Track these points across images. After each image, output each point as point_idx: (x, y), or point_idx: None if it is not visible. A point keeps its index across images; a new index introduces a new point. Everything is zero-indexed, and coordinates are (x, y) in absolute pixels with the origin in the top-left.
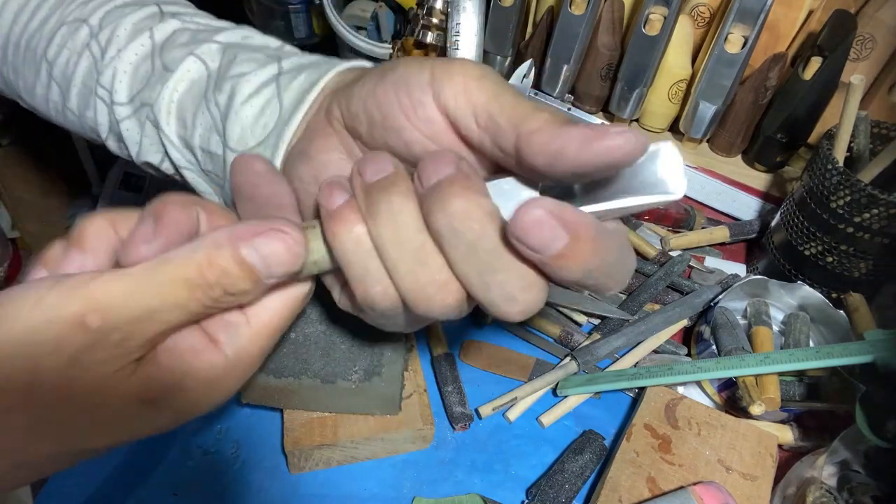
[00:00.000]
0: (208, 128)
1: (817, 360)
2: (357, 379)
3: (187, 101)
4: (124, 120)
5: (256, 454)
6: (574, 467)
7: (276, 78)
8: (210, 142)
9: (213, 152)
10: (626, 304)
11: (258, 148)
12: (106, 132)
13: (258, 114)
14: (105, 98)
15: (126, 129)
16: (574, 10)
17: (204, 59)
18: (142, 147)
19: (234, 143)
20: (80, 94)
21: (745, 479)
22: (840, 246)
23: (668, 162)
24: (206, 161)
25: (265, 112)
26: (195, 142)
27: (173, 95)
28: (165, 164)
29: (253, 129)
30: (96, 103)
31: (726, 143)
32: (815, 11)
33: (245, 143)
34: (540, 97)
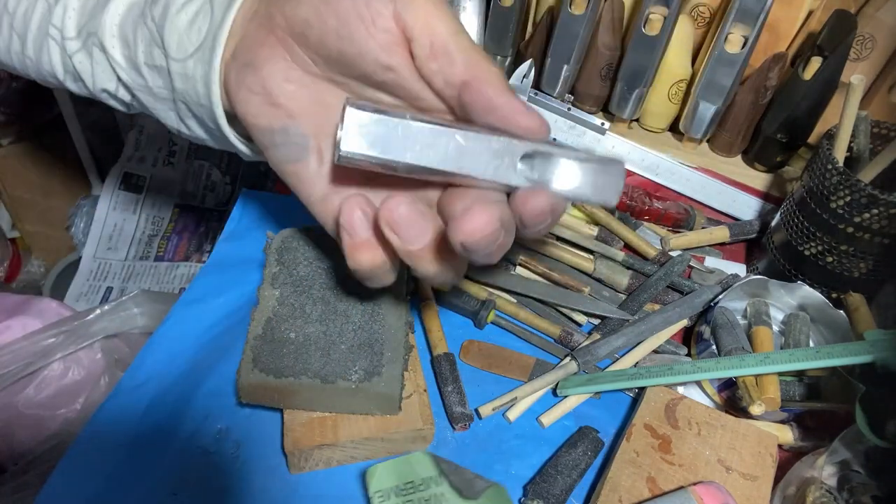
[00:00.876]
0: (148, 42)
1: (817, 360)
2: (357, 379)
3: (128, 22)
4: (75, 54)
5: (256, 454)
6: (566, 460)
7: None
8: (153, 56)
9: (157, 65)
10: (626, 304)
11: (197, 53)
12: (62, 72)
13: (192, 19)
14: (56, 37)
15: (78, 62)
16: (574, 10)
17: None
18: (95, 76)
19: (173, 51)
20: (36, 39)
21: (745, 479)
22: (840, 246)
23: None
24: (154, 77)
25: (199, 17)
26: (140, 59)
27: (115, 19)
28: (121, 90)
29: (189, 36)
30: (49, 44)
31: (726, 143)
32: (815, 11)
33: (184, 51)
34: (540, 97)
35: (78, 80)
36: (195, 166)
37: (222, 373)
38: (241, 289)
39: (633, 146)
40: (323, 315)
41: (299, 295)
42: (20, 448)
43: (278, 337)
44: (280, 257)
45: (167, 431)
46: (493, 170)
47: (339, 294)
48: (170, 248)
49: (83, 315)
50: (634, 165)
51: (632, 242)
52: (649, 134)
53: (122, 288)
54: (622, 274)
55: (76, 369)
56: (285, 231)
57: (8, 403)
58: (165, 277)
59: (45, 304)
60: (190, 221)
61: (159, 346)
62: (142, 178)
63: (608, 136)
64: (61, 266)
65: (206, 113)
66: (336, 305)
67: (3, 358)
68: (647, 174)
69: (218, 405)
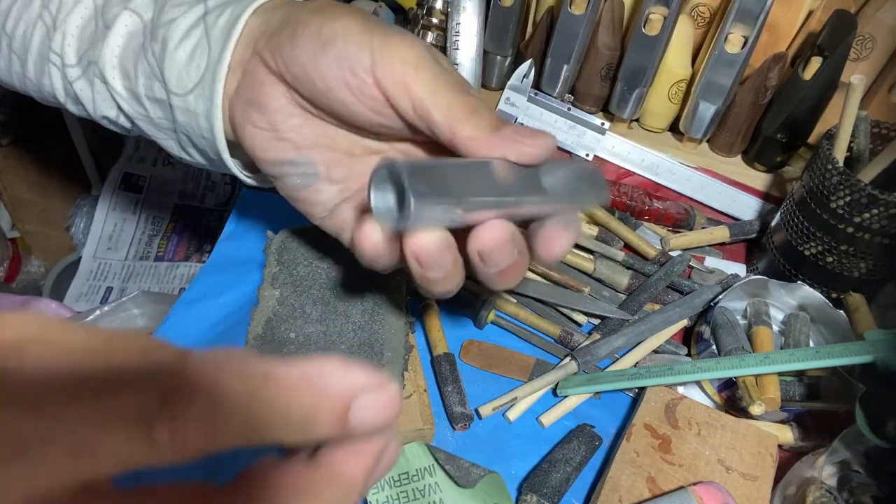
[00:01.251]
0: (149, 76)
1: (817, 360)
2: None
3: (128, 54)
4: (76, 81)
5: (256, 454)
6: (560, 454)
7: (203, 18)
8: (153, 89)
9: (158, 98)
10: (626, 304)
11: (196, 89)
12: (63, 96)
13: (190, 56)
14: (57, 63)
15: (79, 90)
16: (574, 10)
17: (138, 11)
18: (95, 103)
19: (174, 86)
20: (36, 63)
21: (745, 479)
22: (840, 246)
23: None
24: (155, 109)
25: (196, 53)
26: (140, 91)
27: (114, 51)
28: (121, 118)
29: (188, 72)
30: (50, 69)
31: (726, 143)
32: (815, 11)
33: (184, 86)
34: (540, 97)
35: (78, 104)
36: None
37: None
38: (241, 289)
39: (633, 146)
40: (323, 315)
41: (299, 295)
42: None
43: (278, 337)
44: (280, 257)
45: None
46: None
47: (339, 294)
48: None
49: (83, 316)
50: (634, 165)
51: (632, 242)
52: (649, 134)
53: (122, 288)
54: (622, 274)
55: None
56: (285, 231)
57: None
58: (165, 277)
59: (45, 305)
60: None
61: None
62: (142, 178)
63: (608, 136)
64: (61, 266)
65: (208, 145)
66: (336, 305)
67: None
68: (647, 174)
69: None
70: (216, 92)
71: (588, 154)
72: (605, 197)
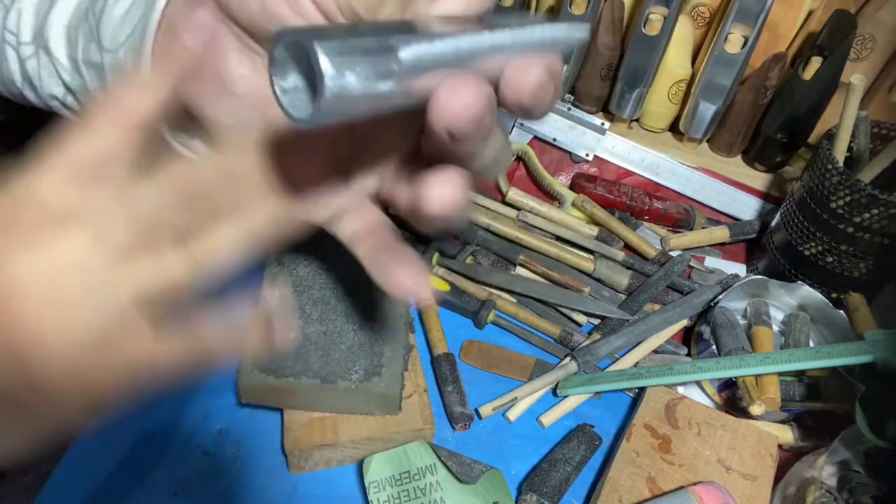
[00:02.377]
0: (87, 38)
1: (817, 360)
2: (357, 379)
3: (73, 22)
4: (29, 59)
5: (256, 454)
6: (559, 454)
7: None
8: (90, 51)
9: (94, 62)
10: (626, 304)
11: (127, 41)
12: (20, 80)
13: (128, 9)
14: (12, 42)
15: (30, 68)
16: (574, 10)
17: None
18: (42, 80)
19: (107, 43)
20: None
21: (745, 479)
22: (840, 246)
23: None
24: (92, 76)
25: (133, 7)
26: (79, 57)
27: (62, 19)
28: (69, 97)
29: (122, 26)
30: (6, 50)
31: (726, 143)
32: (815, 11)
33: (117, 41)
34: None
35: (32, 88)
36: None
37: (222, 373)
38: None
39: (633, 146)
40: (323, 315)
41: (299, 295)
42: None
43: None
44: (280, 257)
45: (167, 432)
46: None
47: (339, 294)
48: None
49: None
50: (634, 165)
51: (632, 242)
52: (649, 134)
53: None
54: (622, 274)
55: None
56: None
57: None
58: None
59: None
60: None
61: None
62: None
63: (608, 136)
64: None
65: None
66: (336, 305)
67: None
68: (647, 174)
69: (218, 405)
70: (146, 42)
71: (588, 154)
72: (585, 31)
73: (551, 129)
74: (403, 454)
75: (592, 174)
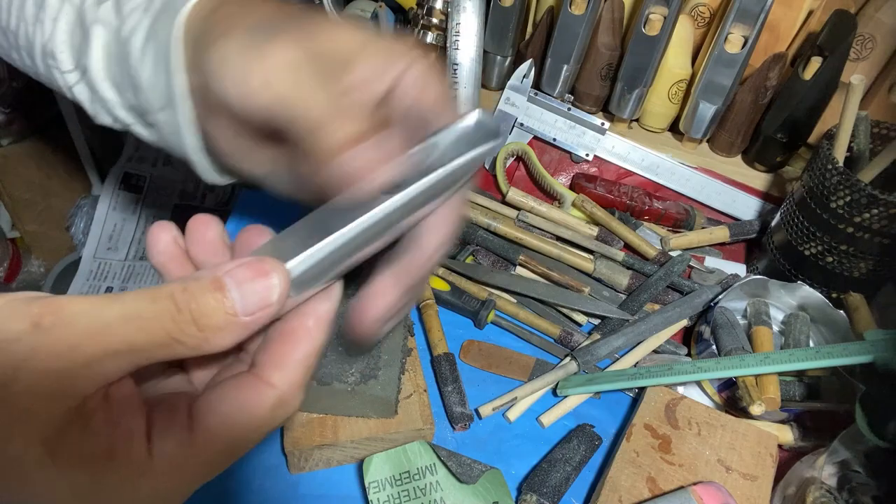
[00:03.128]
0: (133, 89)
1: (817, 360)
2: (353, 381)
3: (111, 66)
4: (75, 86)
5: (256, 454)
6: (559, 454)
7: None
8: (138, 102)
9: (143, 112)
10: (626, 304)
11: (164, 110)
12: (71, 95)
13: (153, 73)
14: (55, 66)
15: (78, 94)
16: (574, 10)
17: (106, 22)
18: (95, 110)
19: (153, 104)
20: (43, 61)
21: (745, 479)
22: (840, 246)
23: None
24: (142, 121)
25: (158, 70)
26: (133, 102)
27: (98, 63)
28: (118, 124)
29: (155, 91)
30: (52, 70)
31: (726, 143)
32: (815, 11)
33: (159, 103)
34: (540, 97)
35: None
36: None
37: None
38: None
39: (633, 146)
40: None
41: None
42: None
43: None
44: None
45: None
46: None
47: None
48: None
49: None
50: (634, 165)
51: (632, 242)
52: (649, 134)
53: (122, 288)
54: (622, 274)
55: None
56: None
57: None
58: None
59: None
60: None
61: None
62: (142, 178)
63: (608, 136)
64: (61, 266)
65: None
66: None
67: None
68: (647, 174)
69: None
70: (179, 111)
71: (588, 154)
72: (498, 139)
73: (551, 129)
74: (403, 454)
75: (592, 174)
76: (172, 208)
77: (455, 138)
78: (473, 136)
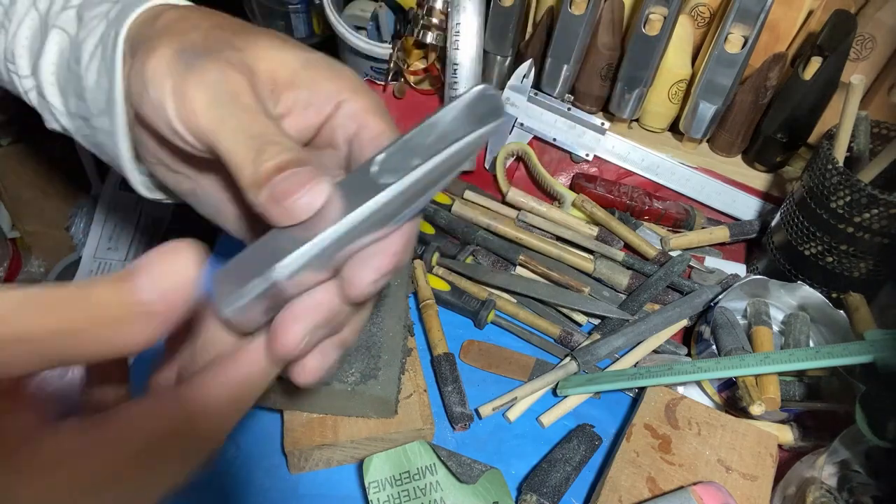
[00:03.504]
0: (76, 94)
1: (817, 360)
2: (353, 382)
3: (62, 71)
4: (30, 91)
5: (256, 454)
6: (559, 454)
7: (102, 38)
8: (80, 108)
9: (84, 116)
10: (626, 304)
11: (103, 115)
12: (27, 99)
13: (96, 80)
14: (14, 71)
15: (32, 99)
16: (574, 10)
17: (65, 28)
18: (45, 117)
19: (91, 107)
20: (5, 66)
21: (745, 479)
22: (840, 246)
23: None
24: (83, 127)
25: (101, 76)
26: (73, 109)
27: (50, 68)
28: (65, 131)
29: (97, 96)
30: (12, 75)
31: (726, 143)
32: (815, 11)
33: (99, 108)
34: (540, 97)
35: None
36: None
37: None
38: None
39: (633, 146)
40: None
41: None
42: None
43: None
44: None
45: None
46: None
47: None
48: None
49: None
50: (634, 165)
51: (632, 242)
52: (649, 134)
53: None
54: (622, 274)
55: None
56: None
57: None
58: None
59: None
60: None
61: (159, 347)
62: None
63: (608, 136)
64: (61, 266)
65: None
66: None
67: None
68: (647, 174)
69: None
70: (117, 115)
71: (588, 154)
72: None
73: (551, 129)
74: (403, 454)
75: (592, 174)
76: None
77: (454, 116)
78: (476, 114)
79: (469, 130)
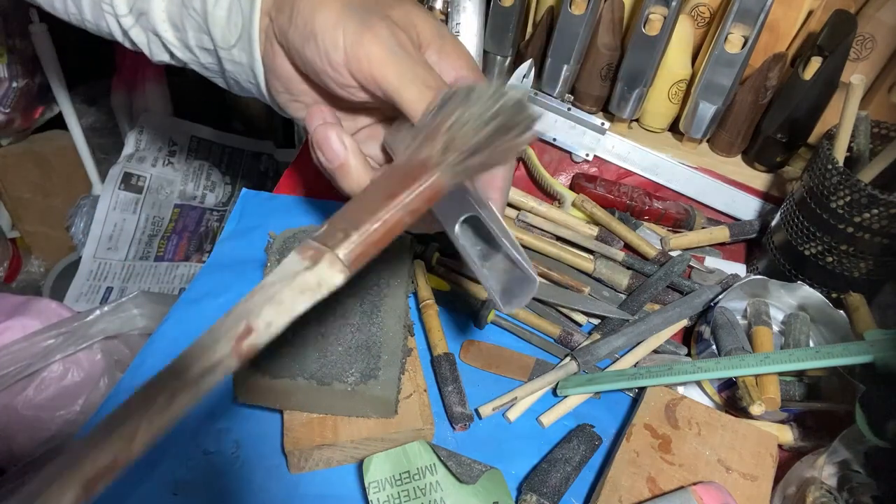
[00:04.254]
0: (197, 29)
1: (817, 360)
2: (353, 381)
3: (173, 9)
4: (131, 29)
5: (256, 454)
6: (559, 454)
7: None
8: (203, 41)
9: (207, 48)
10: (626, 304)
11: (238, 44)
12: (122, 38)
13: (227, 15)
14: (110, 11)
15: (135, 37)
16: (574, 10)
17: None
18: (151, 50)
19: (219, 41)
20: (92, 8)
21: (745, 479)
22: (840, 246)
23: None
24: (205, 56)
25: (232, 12)
26: (191, 42)
27: (161, 5)
28: (175, 60)
29: (229, 29)
30: (106, 17)
31: (726, 143)
32: (815, 11)
33: (228, 42)
34: (540, 97)
35: (136, 47)
36: (195, 166)
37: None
38: (241, 289)
39: (633, 146)
40: (320, 316)
41: None
42: (19, 450)
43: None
44: (281, 257)
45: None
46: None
47: (338, 295)
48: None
49: (83, 316)
50: (634, 165)
51: (632, 242)
52: (649, 134)
53: (122, 288)
54: (622, 274)
55: (76, 370)
56: (287, 231)
57: (7, 405)
58: (165, 277)
59: (45, 305)
60: (190, 221)
61: (159, 347)
62: (142, 178)
63: (608, 136)
64: (61, 266)
65: (255, 90)
66: (334, 307)
67: (3, 359)
68: (647, 174)
69: (218, 405)
70: (255, 49)
71: (588, 154)
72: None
73: (551, 129)
74: (403, 454)
75: (592, 174)
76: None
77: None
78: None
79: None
